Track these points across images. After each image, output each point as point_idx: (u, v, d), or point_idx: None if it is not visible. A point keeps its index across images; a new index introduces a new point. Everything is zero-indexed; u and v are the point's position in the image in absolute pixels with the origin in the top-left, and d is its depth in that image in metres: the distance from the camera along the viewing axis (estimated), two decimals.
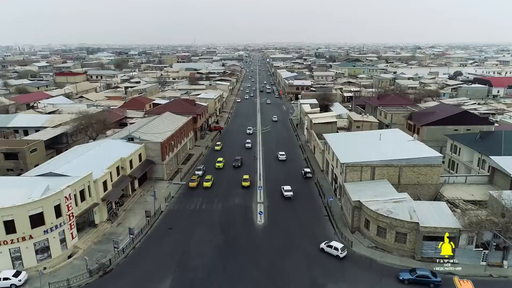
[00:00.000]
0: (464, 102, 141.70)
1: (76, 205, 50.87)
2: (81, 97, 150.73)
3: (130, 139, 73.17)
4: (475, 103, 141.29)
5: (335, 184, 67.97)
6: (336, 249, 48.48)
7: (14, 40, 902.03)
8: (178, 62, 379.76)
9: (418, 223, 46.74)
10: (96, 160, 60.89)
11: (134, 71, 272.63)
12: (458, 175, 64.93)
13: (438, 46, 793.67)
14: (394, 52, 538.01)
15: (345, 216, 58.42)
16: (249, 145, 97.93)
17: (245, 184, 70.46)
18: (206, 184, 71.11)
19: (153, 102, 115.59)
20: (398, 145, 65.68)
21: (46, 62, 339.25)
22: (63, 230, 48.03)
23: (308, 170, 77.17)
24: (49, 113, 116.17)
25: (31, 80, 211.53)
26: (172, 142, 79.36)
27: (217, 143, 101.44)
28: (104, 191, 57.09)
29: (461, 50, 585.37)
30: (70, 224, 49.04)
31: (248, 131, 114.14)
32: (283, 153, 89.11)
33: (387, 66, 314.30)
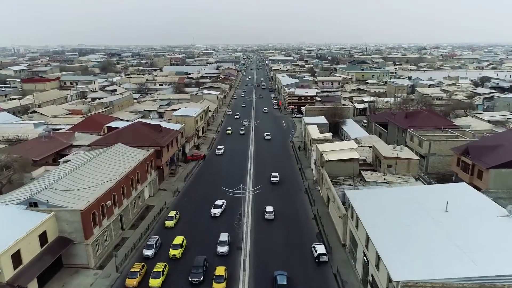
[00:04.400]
0: (508, 118, 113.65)
1: None
2: (34, 111, 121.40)
3: (33, 204, 44.93)
4: None
5: None
6: None
7: (12, 41, 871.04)
8: (171, 64, 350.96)
9: None
10: None
11: (119, 75, 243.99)
12: None
13: (441, 46, 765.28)
14: (398, 53, 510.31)
15: None
16: (225, 238, 51.52)
17: (218, 287, 41.81)
18: (153, 282, 42.48)
19: (107, 125, 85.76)
20: (486, 229, 37.23)
21: (26, 66, 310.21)
22: None
23: (322, 250, 47.78)
24: None
25: None
26: (110, 201, 50.93)
27: (170, 214, 58.38)
28: None
29: (468, 51, 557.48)
30: None
31: (216, 207, 61.32)
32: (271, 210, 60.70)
33: (396, 69, 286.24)
